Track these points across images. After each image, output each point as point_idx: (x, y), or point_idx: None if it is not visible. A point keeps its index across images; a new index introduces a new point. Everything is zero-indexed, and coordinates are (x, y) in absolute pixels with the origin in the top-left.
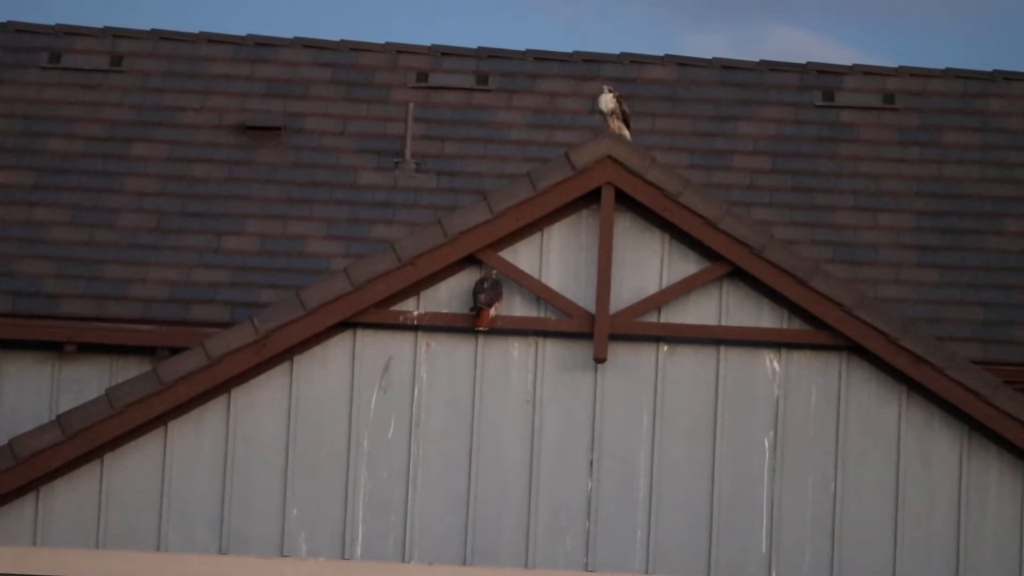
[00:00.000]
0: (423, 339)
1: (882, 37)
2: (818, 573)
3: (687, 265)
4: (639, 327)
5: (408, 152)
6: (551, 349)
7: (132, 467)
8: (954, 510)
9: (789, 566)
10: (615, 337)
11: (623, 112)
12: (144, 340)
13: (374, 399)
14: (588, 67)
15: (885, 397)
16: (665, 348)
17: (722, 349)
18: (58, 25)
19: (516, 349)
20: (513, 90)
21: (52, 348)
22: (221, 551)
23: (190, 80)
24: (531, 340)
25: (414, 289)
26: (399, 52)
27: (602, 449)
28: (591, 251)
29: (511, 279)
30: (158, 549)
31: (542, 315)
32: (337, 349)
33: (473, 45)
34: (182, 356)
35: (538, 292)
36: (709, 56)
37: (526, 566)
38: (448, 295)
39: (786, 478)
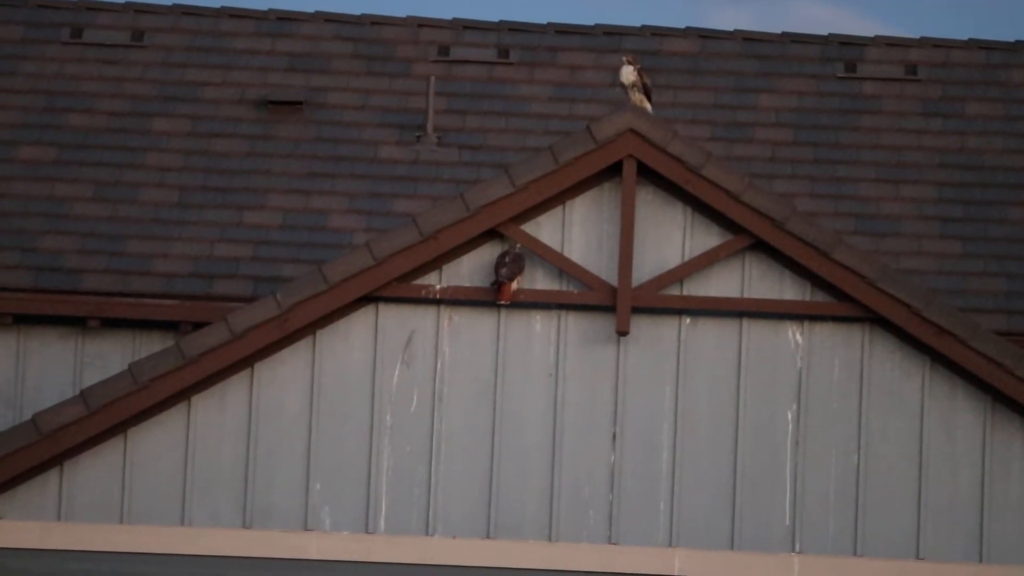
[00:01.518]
0: (445, 313)
1: (904, 8)
2: (842, 545)
3: (709, 238)
4: (661, 300)
5: (430, 126)
6: (573, 322)
7: (156, 442)
8: (978, 481)
9: (813, 538)
10: (637, 310)
11: (644, 85)
12: (167, 315)
13: (397, 373)
14: (610, 40)
15: (908, 369)
16: (688, 321)
17: (744, 321)
18: (80, 1)
19: (538, 322)
20: (535, 63)
21: (75, 323)
22: (245, 525)
23: (212, 55)
24: (553, 313)
25: (436, 263)
26: (420, 26)
27: (625, 422)
28: (613, 224)
29: (533, 252)
30: (182, 524)
31: (564, 288)
32: (359, 324)
33: (494, 18)
34: (205, 331)
35: (560, 265)
36: (731, 28)
37: (549, 539)
38: (470, 269)
39: (809, 450)
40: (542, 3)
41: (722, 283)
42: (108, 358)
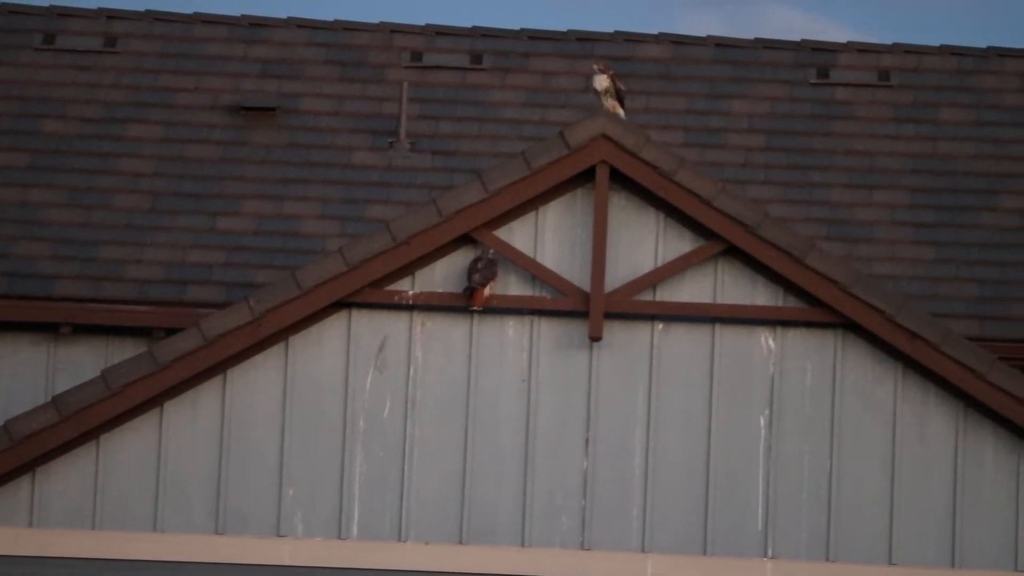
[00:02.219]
0: (418, 319)
1: (876, 14)
2: (814, 550)
3: (682, 243)
4: (634, 305)
5: (403, 132)
6: (546, 328)
7: (128, 448)
8: (950, 486)
9: (785, 543)
10: (610, 315)
11: (617, 91)
12: (140, 321)
13: (369, 379)
14: (582, 46)
15: (881, 374)
16: (660, 326)
17: (717, 327)
18: (52, 6)
19: (511, 328)
20: (507, 69)
21: (48, 329)
22: (217, 531)
23: (185, 61)
24: (526, 319)
25: (409, 269)
26: (393, 32)
27: (597, 428)
28: (586, 230)
29: (506, 258)
30: (154, 530)
31: (537, 294)
32: (332, 329)
33: (467, 24)
34: (178, 337)
35: (533, 271)
36: (703, 34)
37: (522, 545)
38: (443, 274)
39: (782, 456)
40: (515, 9)
41: (695, 288)
42: (80, 364)
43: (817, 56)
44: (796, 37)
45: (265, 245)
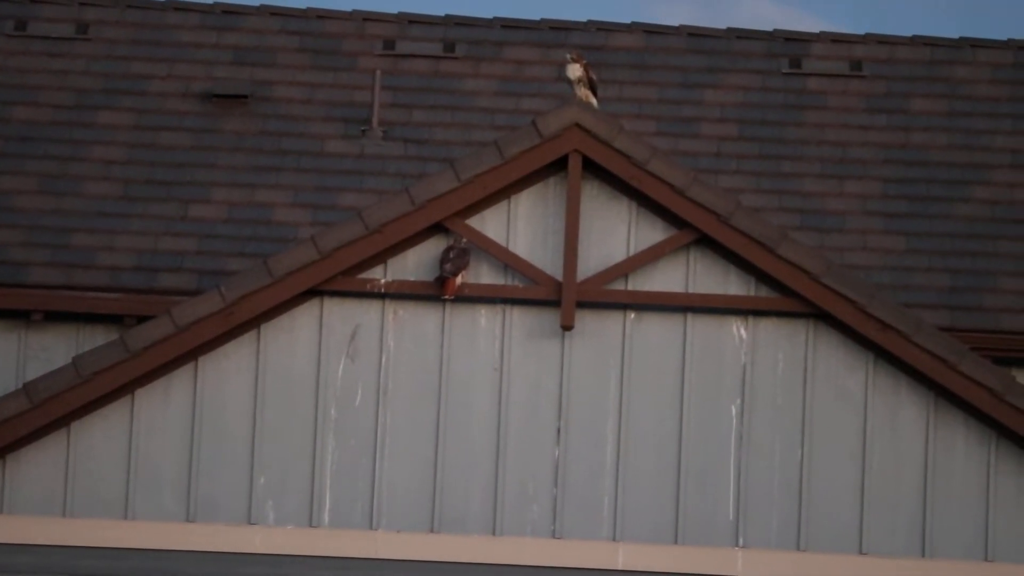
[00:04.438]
0: (390, 307)
1: (848, 4)
2: (785, 539)
3: (654, 232)
4: (606, 294)
5: (375, 120)
6: (518, 317)
7: (99, 435)
8: (920, 476)
9: (756, 532)
10: (582, 304)
11: (590, 80)
12: (111, 308)
13: (341, 367)
14: (555, 35)
15: (852, 364)
16: (632, 315)
17: (689, 316)
18: None
19: (484, 317)
20: (480, 58)
21: (19, 316)
22: (189, 519)
23: (157, 48)
24: (498, 308)
25: (381, 257)
26: (366, 20)
27: (569, 417)
28: (558, 219)
29: (478, 247)
30: (125, 517)
31: (510, 283)
32: (304, 317)
33: (440, 13)
34: (149, 324)
35: (505, 260)
36: (676, 24)
37: (494, 533)
38: (416, 263)
39: (753, 445)
40: None
41: (667, 278)
42: (52, 351)
43: (789, 46)
44: (768, 27)
45: (237, 233)
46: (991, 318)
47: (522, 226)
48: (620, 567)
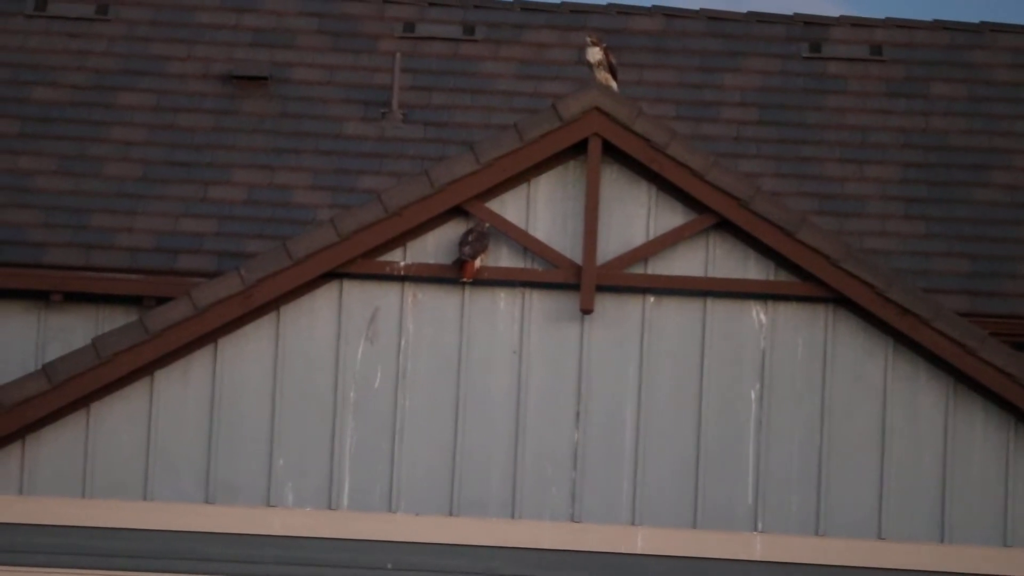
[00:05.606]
0: (410, 290)
1: None
2: (804, 524)
3: (674, 217)
4: (626, 278)
5: (395, 103)
6: (538, 300)
7: (118, 416)
8: (939, 462)
9: (775, 517)
10: (602, 288)
11: (610, 64)
12: (131, 289)
13: (360, 350)
14: (575, 18)
15: (871, 349)
16: (652, 299)
17: (708, 301)
18: None
19: (503, 300)
20: (500, 41)
21: (38, 297)
22: (208, 501)
23: (177, 29)
24: (518, 291)
25: (401, 240)
26: (386, 2)
27: (588, 400)
28: (578, 202)
29: (498, 230)
30: (144, 499)
31: (529, 266)
32: (323, 300)
33: None
34: (168, 306)
35: (525, 243)
36: (696, 7)
37: (512, 517)
38: (435, 246)
39: (772, 430)
40: None
41: (686, 262)
42: (71, 332)
43: (809, 30)
44: (788, 11)
45: (256, 215)
46: (1011, 303)
47: (542, 209)
48: (639, 551)
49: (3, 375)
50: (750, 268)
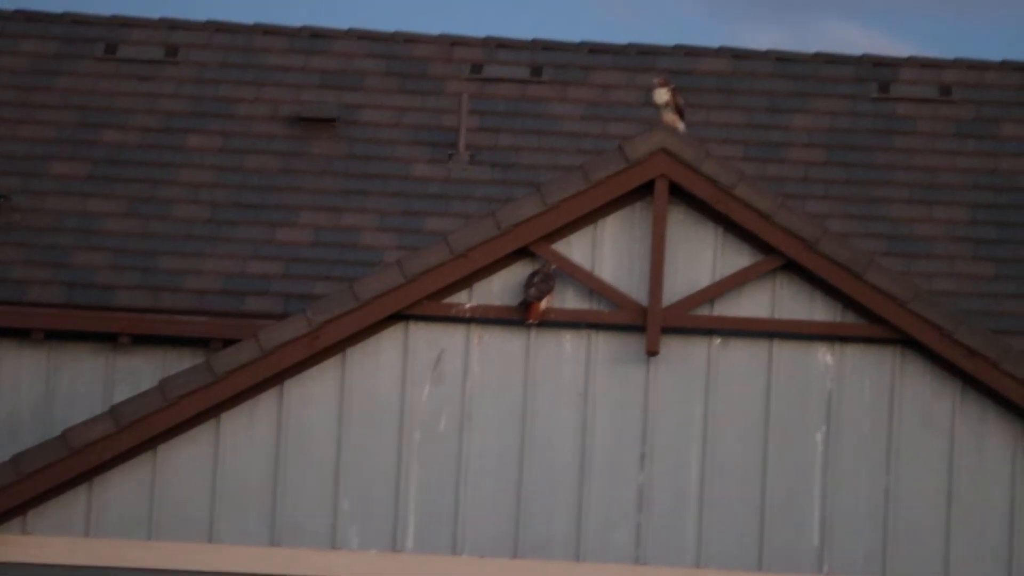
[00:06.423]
0: (475, 332)
1: (937, 29)
2: (871, 568)
3: (740, 258)
4: (692, 320)
5: (462, 144)
6: (603, 342)
7: (184, 458)
8: (1007, 505)
9: (842, 561)
10: (667, 330)
11: (677, 104)
12: (198, 331)
13: (426, 392)
14: (643, 59)
15: (939, 391)
16: (718, 341)
17: (775, 342)
18: (114, 16)
19: (568, 342)
20: (567, 82)
21: (107, 339)
22: (273, 543)
23: (245, 71)
24: (583, 333)
25: (467, 281)
26: (453, 44)
27: (654, 442)
28: (644, 243)
29: (564, 272)
30: (210, 541)
31: (594, 308)
32: (389, 341)
33: (528, 37)
34: (235, 348)
35: (591, 285)
36: (764, 48)
37: (577, 559)
38: (501, 287)
39: (839, 472)
40: (575, 21)
41: (753, 303)
42: (139, 374)
43: (878, 71)
44: (857, 52)
45: (323, 257)
46: None
47: (608, 251)
48: None
49: (71, 417)
50: (817, 310)
